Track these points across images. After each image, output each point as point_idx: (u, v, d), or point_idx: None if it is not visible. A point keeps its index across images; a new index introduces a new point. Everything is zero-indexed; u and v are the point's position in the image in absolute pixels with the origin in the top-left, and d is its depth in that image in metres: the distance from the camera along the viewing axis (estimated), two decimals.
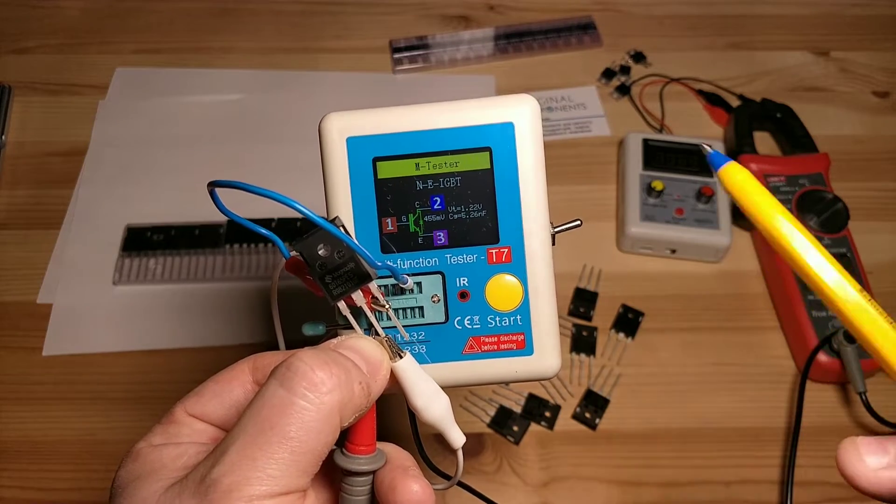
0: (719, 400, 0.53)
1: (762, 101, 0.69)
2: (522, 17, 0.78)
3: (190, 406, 0.27)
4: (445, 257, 0.30)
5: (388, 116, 0.30)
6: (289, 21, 0.77)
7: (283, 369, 0.23)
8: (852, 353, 0.50)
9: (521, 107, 0.30)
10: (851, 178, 0.64)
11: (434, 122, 0.30)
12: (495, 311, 0.30)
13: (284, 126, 0.68)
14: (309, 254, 0.27)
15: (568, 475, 0.49)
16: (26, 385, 0.53)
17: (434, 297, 0.30)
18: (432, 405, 0.27)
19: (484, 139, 0.30)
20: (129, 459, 0.25)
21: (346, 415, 0.24)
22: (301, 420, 0.22)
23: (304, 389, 0.23)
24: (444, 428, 0.28)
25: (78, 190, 0.63)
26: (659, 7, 0.79)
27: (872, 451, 0.21)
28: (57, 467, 0.49)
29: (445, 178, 0.30)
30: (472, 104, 0.30)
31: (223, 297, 0.57)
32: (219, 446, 0.23)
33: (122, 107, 0.69)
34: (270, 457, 0.22)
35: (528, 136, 0.30)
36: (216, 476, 0.21)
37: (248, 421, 0.23)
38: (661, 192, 0.59)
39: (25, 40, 0.74)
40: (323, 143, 0.31)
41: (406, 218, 0.30)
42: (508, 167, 0.30)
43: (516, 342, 0.31)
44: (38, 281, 0.57)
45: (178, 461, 0.24)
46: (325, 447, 0.23)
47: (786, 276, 0.56)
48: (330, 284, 0.27)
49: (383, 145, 0.30)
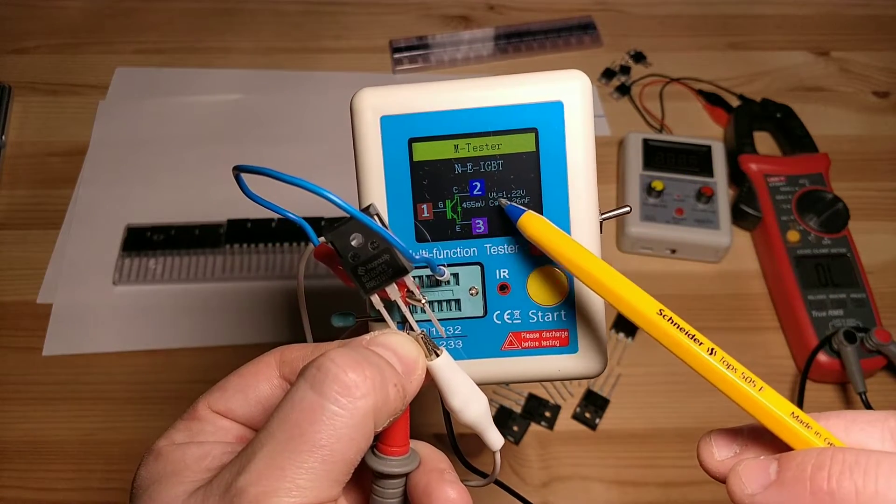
0: (719, 400, 0.52)
1: (762, 101, 0.69)
2: (522, 17, 0.78)
3: (213, 402, 0.25)
4: (485, 247, 0.28)
5: (425, 93, 0.28)
6: (289, 21, 0.77)
7: (314, 370, 0.22)
8: (852, 354, 0.50)
9: (572, 83, 0.28)
10: (851, 178, 0.64)
11: (475, 100, 0.28)
12: (538, 305, 0.29)
13: (284, 126, 0.68)
14: (341, 244, 0.25)
15: (568, 475, 0.49)
16: (26, 385, 0.53)
17: (472, 289, 0.29)
18: (470, 406, 0.26)
19: (529, 119, 0.28)
20: (151, 458, 0.24)
21: (381, 419, 0.22)
22: (332, 427, 0.21)
23: (335, 394, 0.21)
24: (481, 429, 0.26)
25: (78, 190, 0.63)
26: (659, 7, 0.79)
27: (723, 445, 0.24)
28: (57, 467, 0.49)
29: (486, 162, 0.28)
30: (516, 80, 0.28)
31: (223, 297, 0.57)
32: (245, 451, 0.22)
33: (122, 107, 0.69)
34: (300, 466, 0.20)
35: (579, 115, 0.28)
36: (242, 485, 0.20)
37: (277, 426, 0.21)
38: (661, 192, 0.59)
39: (25, 40, 0.74)
40: (355, 122, 0.28)
41: (443, 204, 0.28)
42: (556, 150, 0.28)
43: (560, 339, 0.29)
44: (38, 281, 0.57)
45: (202, 462, 0.23)
46: (357, 455, 0.22)
47: (786, 276, 0.56)
48: (363, 277, 0.25)
49: (420, 125, 0.28)
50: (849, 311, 0.54)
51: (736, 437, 0.24)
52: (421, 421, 0.49)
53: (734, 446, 0.24)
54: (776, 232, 0.58)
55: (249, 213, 0.59)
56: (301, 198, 0.24)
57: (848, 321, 0.53)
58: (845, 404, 0.53)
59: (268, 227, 0.59)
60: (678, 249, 0.59)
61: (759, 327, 0.57)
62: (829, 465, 0.20)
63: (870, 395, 0.49)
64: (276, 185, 0.24)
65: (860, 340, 0.51)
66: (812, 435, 0.22)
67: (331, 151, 0.62)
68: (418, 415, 0.48)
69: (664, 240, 0.58)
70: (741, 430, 0.24)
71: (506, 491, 0.36)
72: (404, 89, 0.28)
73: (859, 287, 0.55)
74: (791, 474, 0.21)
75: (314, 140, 0.66)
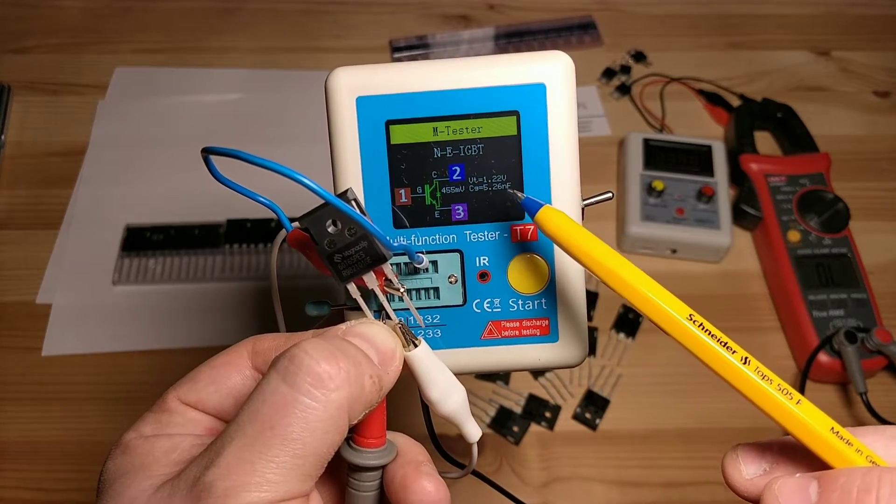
0: (719, 400, 0.53)
1: (763, 101, 0.69)
2: (522, 16, 0.78)
3: (183, 393, 0.25)
4: (464, 234, 0.28)
5: (403, 74, 0.27)
6: (289, 21, 0.77)
7: (286, 361, 0.21)
8: (853, 354, 0.50)
9: (554, 64, 0.27)
10: (852, 177, 0.64)
11: (455, 81, 0.27)
12: (518, 293, 0.28)
13: (284, 126, 0.68)
14: (317, 230, 0.24)
15: (568, 475, 0.49)
16: (25, 385, 0.52)
17: (451, 277, 0.28)
18: (449, 398, 0.25)
19: (511, 102, 0.27)
20: (118, 451, 0.23)
21: (355, 412, 0.22)
22: (305, 420, 0.20)
23: (308, 386, 0.20)
24: (459, 421, 0.26)
25: (77, 190, 0.63)
26: (659, 7, 0.79)
27: (750, 461, 0.22)
28: (56, 467, 0.49)
29: (466, 146, 0.27)
30: (498, 61, 0.27)
31: (223, 297, 0.57)
32: (213, 444, 0.21)
33: (121, 107, 0.69)
34: (270, 460, 0.20)
35: (562, 98, 0.27)
36: (210, 479, 0.20)
37: (247, 419, 0.21)
38: (661, 192, 0.59)
39: (25, 40, 0.74)
40: (329, 102, 0.28)
41: (422, 189, 0.27)
42: (538, 134, 0.27)
43: (540, 328, 0.28)
44: (38, 281, 0.57)
45: (171, 455, 0.23)
46: (330, 449, 0.21)
47: (786, 276, 0.56)
48: (339, 265, 0.24)
49: (398, 106, 0.27)
50: (849, 311, 0.54)
51: (765, 453, 0.23)
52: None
53: (763, 463, 0.22)
54: (777, 232, 0.58)
55: (249, 213, 0.59)
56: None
57: (849, 321, 0.53)
58: (846, 405, 0.53)
59: (267, 227, 0.59)
60: (679, 249, 0.59)
61: (760, 327, 0.57)
62: (878, 487, 0.19)
63: (870, 396, 0.49)
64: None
65: (861, 340, 0.51)
66: (853, 453, 0.20)
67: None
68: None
69: (665, 240, 0.58)
70: (771, 445, 0.23)
71: (485, 482, 0.35)
72: (381, 69, 0.27)
73: (860, 287, 0.55)
74: (836, 496, 0.19)
75: (314, 140, 0.66)
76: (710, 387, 0.53)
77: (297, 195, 0.23)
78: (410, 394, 0.29)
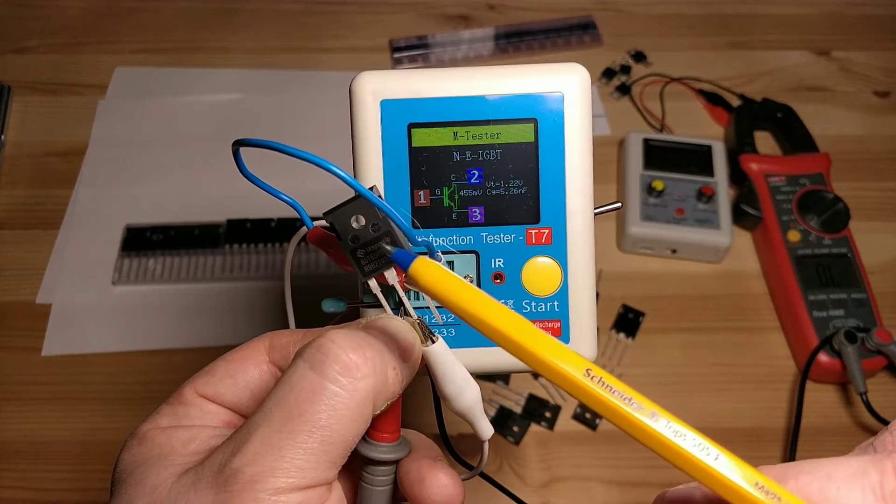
0: (719, 400, 0.53)
1: (763, 101, 0.69)
2: (522, 16, 0.78)
3: (200, 386, 0.25)
4: (481, 236, 0.28)
5: (426, 79, 0.28)
6: (289, 21, 0.77)
7: (313, 350, 0.21)
8: (853, 354, 0.50)
9: (573, 75, 0.28)
10: (852, 177, 0.64)
11: (476, 88, 0.28)
12: (531, 295, 0.29)
13: (284, 126, 0.68)
14: (341, 225, 0.24)
15: (568, 475, 0.49)
16: (26, 385, 0.52)
17: (467, 277, 0.29)
18: (464, 394, 0.25)
19: (530, 110, 0.28)
20: (135, 442, 0.23)
21: (379, 403, 0.22)
22: (333, 407, 0.20)
23: (336, 374, 0.21)
24: (472, 418, 0.26)
25: (77, 190, 0.63)
26: (659, 6, 0.79)
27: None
28: (57, 467, 0.49)
29: (485, 150, 0.28)
30: (519, 70, 0.28)
31: (223, 297, 0.57)
32: (239, 432, 0.21)
33: (121, 107, 0.69)
34: (298, 446, 0.20)
35: (578, 108, 0.28)
36: (237, 465, 0.20)
37: (274, 406, 0.21)
38: (661, 192, 0.59)
39: (25, 40, 0.74)
40: (354, 105, 0.28)
41: (440, 191, 0.28)
42: (554, 141, 0.28)
43: (552, 329, 0.29)
44: (38, 281, 0.57)
45: (189, 446, 0.23)
46: (356, 437, 0.22)
47: (786, 276, 0.56)
48: (362, 260, 0.25)
49: (420, 111, 0.28)
50: (849, 311, 0.54)
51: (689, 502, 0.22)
52: (417, 422, 0.49)
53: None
54: (777, 232, 0.58)
55: (249, 213, 0.59)
56: (296, 190, 0.24)
57: (849, 321, 0.53)
58: (846, 405, 0.53)
59: (267, 227, 0.59)
60: (679, 249, 0.59)
61: (760, 327, 0.57)
62: None
63: (870, 396, 0.49)
64: (270, 178, 0.24)
65: (861, 340, 0.51)
66: None
67: (331, 151, 0.61)
68: (412, 416, 0.48)
69: (665, 240, 0.58)
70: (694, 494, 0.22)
71: (493, 485, 0.36)
72: (406, 74, 0.28)
73: (860, 287, 0.55)
74: None
75: (314, 140, 0.66)
76: (711, 387, 0.54)
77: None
78: (422, 394, 0.29)
